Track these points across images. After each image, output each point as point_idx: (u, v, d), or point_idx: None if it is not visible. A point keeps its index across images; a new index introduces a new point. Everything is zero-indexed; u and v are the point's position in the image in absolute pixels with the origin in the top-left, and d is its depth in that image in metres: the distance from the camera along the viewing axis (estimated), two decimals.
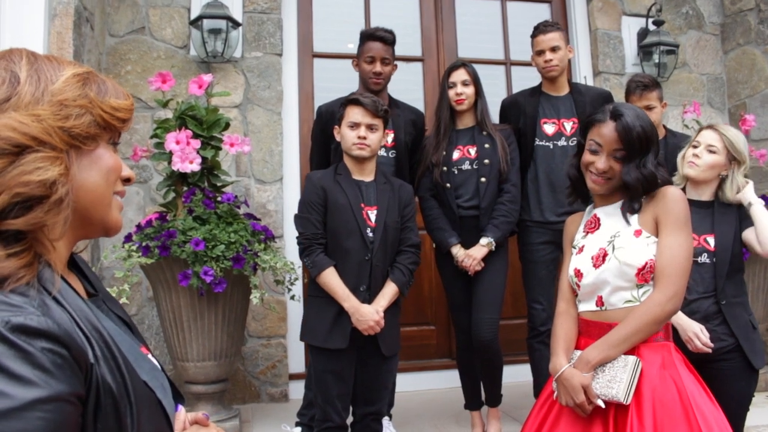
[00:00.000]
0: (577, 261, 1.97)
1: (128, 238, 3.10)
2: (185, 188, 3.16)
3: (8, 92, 0.82)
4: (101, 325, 0.86)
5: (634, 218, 1.90)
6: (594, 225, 1.99)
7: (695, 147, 2.48)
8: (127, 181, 0.98)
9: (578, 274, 1.95)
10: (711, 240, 2.39)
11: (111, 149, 0.93)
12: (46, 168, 0.80)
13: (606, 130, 1.89)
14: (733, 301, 2.35)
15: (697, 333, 2.29)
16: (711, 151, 2.44)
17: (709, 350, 2.29)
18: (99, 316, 0.89)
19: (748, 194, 2.41)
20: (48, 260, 0.83)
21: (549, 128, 3.24)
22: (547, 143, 3.22)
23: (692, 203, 2.45)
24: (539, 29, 3.24)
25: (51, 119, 0.83)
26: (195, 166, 3.04)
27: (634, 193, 1.88)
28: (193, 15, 3.92)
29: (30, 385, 0.70)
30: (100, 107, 0.90)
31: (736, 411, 2.29)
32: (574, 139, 3.18)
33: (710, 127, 2.53)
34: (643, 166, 1.85)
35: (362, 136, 2.57)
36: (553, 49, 3.19)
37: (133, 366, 0.88)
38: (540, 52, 3.22)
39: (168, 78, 3.18)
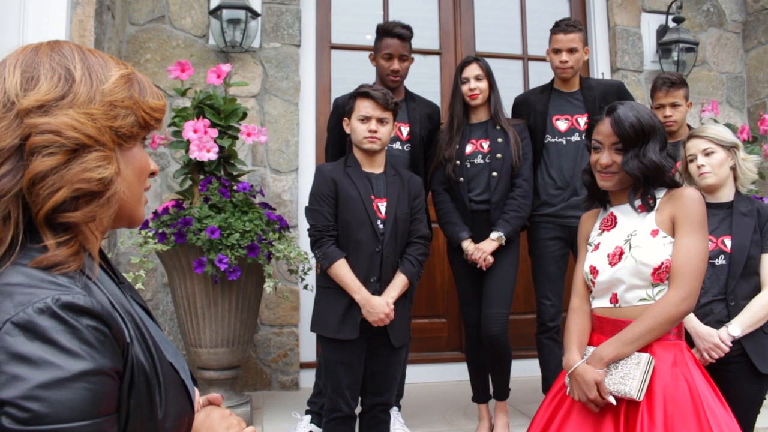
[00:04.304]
0: (593, 258, 1.99)
1: (145, 225, 3.14)
2: (202, 177, 3.20)
3: (64, 90, 0.86)
4: (132, 308, 0.92)
5: (651, 217, 1.91)
6: (611, 223, 2.00)
7: (692, 161, 2.48)
8: (152, 174, 1.02)
9: (593, 271, 1.97)
10: (728, 242, 2.38)
11: (142, 147, 0.98)
12: (104, 166, 0.86)
13: (603, 127, 1.95)
14: (743, 303, 2.34)
15: (718, 344, 2.29)
16: (709, 153, 2.44)
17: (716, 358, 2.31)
18: (129, 300, 0.95)
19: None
20: (89, 249, 0.88)
21: (562, 124, 3.23)
22: (559, 139, 3.22)
23: (711, 206, 2.44)
24: (560, 27, 3.21)
25: (102, 119, 0.88)
26: (212, 155, 3.07)
27: (637, 183, 1.91)
28: (213, 5, 3.95)
29: (77, 358, 0.76)
30: (141, 108, 0.94)
31: (746, 414, 2.28)
32: (587, 133, 3.18)
33: (690, 137, 2.54)
34: (643, 155, 1.87)
35: (373, 130, 2.57)
36: (571, 51, 3.17)
37: (160, 348, 0.93)
38: (557, 51, 3.21)
39: (187, 67, 3.21)
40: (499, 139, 3.08)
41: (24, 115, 0.83)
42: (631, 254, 1.88)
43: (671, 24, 4.58)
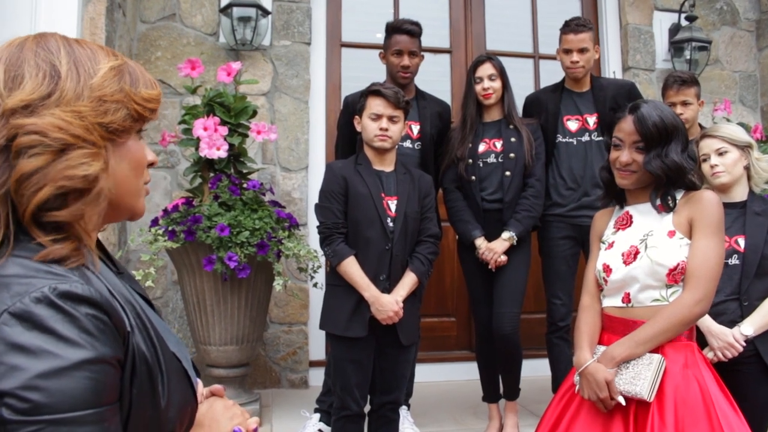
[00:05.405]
0: (606, 256, 1.97)
1: (155, 223, 3.15)
2: (212, 174, 3.20)
3: (50, 88, 0.84)
4: (133, 298, 0.91)
5: (668, 218, 1.89)
6: (626, 222, 1.98)
7: (705, 160, 2.46)
8: (150, 165, 1.00)
9: (607, 269, 1.95)
10: (742, 241, 2.36)
11: (137, 139, 0.95)
12: (89, 163, 0.84)
13: (625, 125, 1.93)
14: (756, 303, 2.32)
15: (732, 343, 2.27)
16: (723, 153, 2.42)
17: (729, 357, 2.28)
18: (129, 290, 0.94)
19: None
20: (85, 244, 0.87)
21: (572, 125, 3.21)
22: (570, 140, 3.20)
23: (724, 206, 2.42)
24: (570, 27, 3.18)
25: (91, 116, 0.86)
26: (222, 153, 3.07)
27: (659, 183, 1.89)
28: (223, 3, 3.95)
29: (77, 347, 0.75)
30: (133, 100, 0.91)
31: (759, 416, 2.26)
32: (596, 133, 3.17)
33: (703, 137, 2.51)
34: (665, 155, 1.85)
35: (384, 128, 2.57)
36: (581, 51, 3.15)
37: (163, 337, 0.92)
38: (567, 51, 3.18)
39: (197, 65, 3.21)
40: (513, 139, 3.07)
41: (9, 115, 0.82)
42: (647, 254, 1.86)
43: (684, 22, 4.54)
